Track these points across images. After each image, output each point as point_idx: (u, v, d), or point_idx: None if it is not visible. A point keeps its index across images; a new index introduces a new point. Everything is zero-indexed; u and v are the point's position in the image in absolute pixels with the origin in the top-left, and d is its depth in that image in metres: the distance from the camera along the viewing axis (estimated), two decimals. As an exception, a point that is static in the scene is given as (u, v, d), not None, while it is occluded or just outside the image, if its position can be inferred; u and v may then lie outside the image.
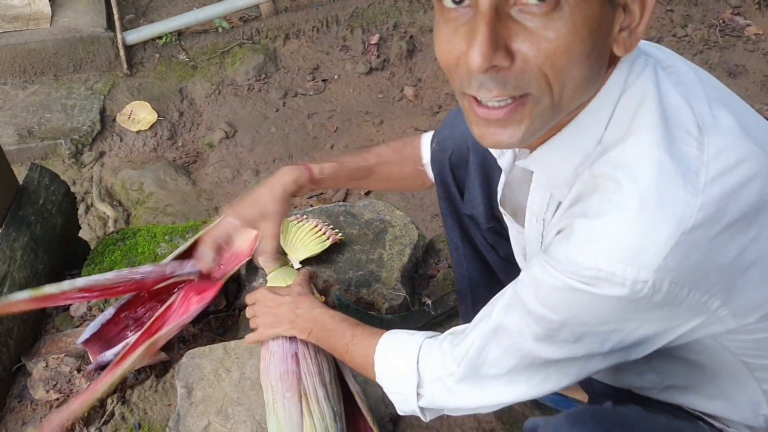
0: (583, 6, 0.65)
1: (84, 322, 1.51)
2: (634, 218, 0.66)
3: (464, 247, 1.20)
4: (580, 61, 0.67)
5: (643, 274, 0.66)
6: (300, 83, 2.94)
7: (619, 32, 0.70)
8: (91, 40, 2.88)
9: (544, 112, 0.70)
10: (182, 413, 1.27)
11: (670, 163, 0.67)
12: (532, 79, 0.68)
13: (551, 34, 0.65)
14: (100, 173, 2.62)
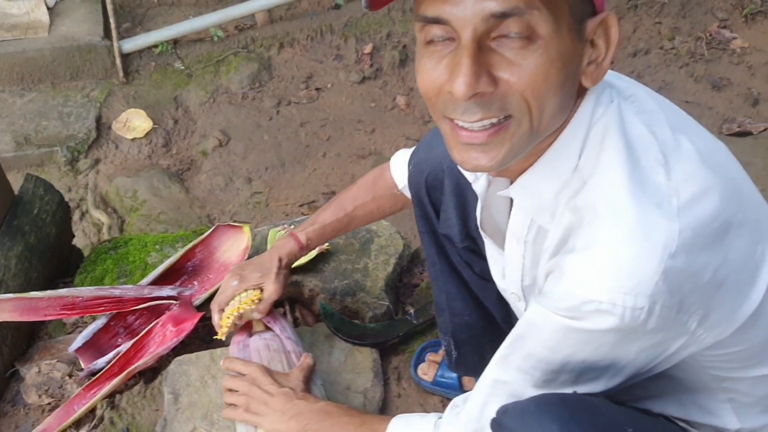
0: (556, 40, 0.71)
1: (76, 329, 1.55)
2: (623, 249, 0.71)
3: (441, 263, 1.24)
4: (556, 89, 0.73)
5: (640, 300, 0.71)
6: (293, 92, 2.99)
7: (588, 65, 0.75)
8: (88, 49, 2.93)
9: (524, 135, 0.75)
10: (169, 418, 1.31)
11: (643, 195, 0.73)
12: (514, 100, 0.73)
13: (530, 63, 0.71)
14: (95, 180, 2.66)
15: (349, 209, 1.31)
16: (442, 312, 1.29)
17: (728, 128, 2.50)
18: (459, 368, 1.35)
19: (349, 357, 1.46)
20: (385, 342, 1.51)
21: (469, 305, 1.25)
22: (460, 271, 1.24)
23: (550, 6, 0.69)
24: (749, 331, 0.80)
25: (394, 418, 1.03)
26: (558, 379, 0.81)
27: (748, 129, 2.47)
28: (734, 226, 0.75)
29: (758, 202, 0.86)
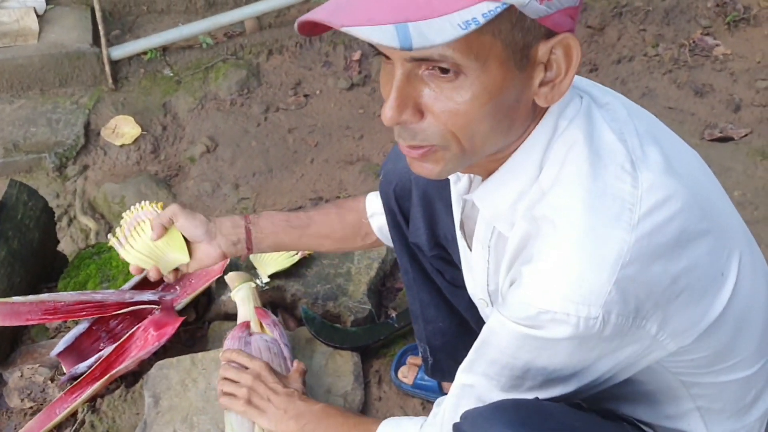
0: (482, 77, 0.70)
1: (59, 334, 1.56)
2: (577, 259, 0.72)
3: (413, 271, 1.25)
4: (483, 120, 0.73)
5: (593, 310, 0.72)
6: (282, 98, 3.01)
7: (541, 86, 0.74)
8: (77, 56, 2.94)
9: (455, 157, 0.77)
10: (149, 422, 1.32)
11: (601, 205, 0.74)
12: (437, 134, 0.74)
13: (455, 97, 0.71)
14: (84, 186, 2.67)
15: (310, 212, 1.26)
16: (417, 319, 1.31)
17: (710, 134, 2.52)
18: (435, 374, 1.37)
19: (330, 361, 1.48)
20: (367, 346, 1.52)
21: (442, 312, 1.27)
22: (432, 280, 1.26)
23: (466, 52, 0.68)
24: (713, 336, 0.81)
25: (385, 420, 1.06)
26: (524, 385, 0.82)
27: (729, 134, 2.49)
28: (696, 235, 0.76)
29: (727, 210, 0.87)
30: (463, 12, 0.65)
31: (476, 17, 0.65)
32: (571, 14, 0.72)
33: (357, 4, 0.66)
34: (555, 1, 0.69)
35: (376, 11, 0.65)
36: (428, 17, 0.64)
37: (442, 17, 0.65)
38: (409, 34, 0.64)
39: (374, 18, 0.65)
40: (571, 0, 0.71)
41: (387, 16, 0.64)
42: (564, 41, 0.72)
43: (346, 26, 0.64)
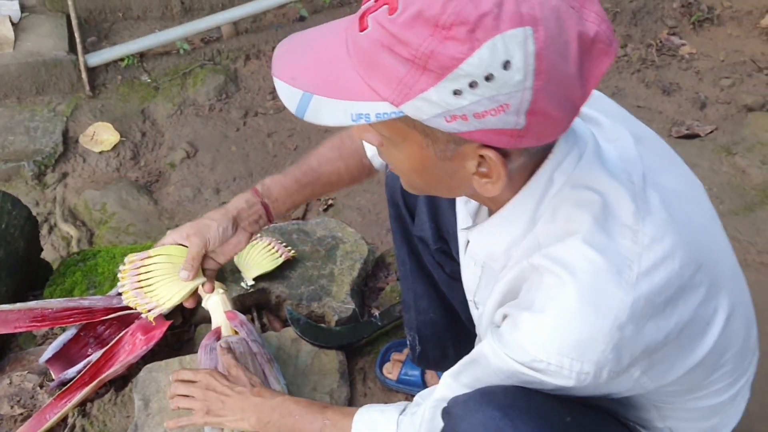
0: (403, 150, 0.77)
1: (46, 341, 1.58)
2: (576, 316, 0.75)
3: (411, 263, 1.30)
4: (414, 179, 0.82)
5: (586, 366, 0.76)
6: (260, 103, 3.03)
7: (474, 175, 0.76)
8: (54, 64, 2.94)
9: (414, 187, 0.86)
10: (139, 424, 1.35)
11: (604, 262, 0.75)
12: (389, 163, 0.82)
13: (384, 151, 0.81)
14: (63, 194, 2.67)
15: (313, 164, 1.21)
16: (409, 309, 1.35)
17: (677, 131, 2.60)
18: (421, 362, 1.41)
19: (316, 359, 1.51)
20: (351, 344, 1.56)
21: (435, 304, 1.31)
22: (429, 271, 1.29)
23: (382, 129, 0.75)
24: (690, 375, 0.86)
25: (356, 414, 1.07)
26: None
27: (695, 132, 2.57)
28: (689, 289, 0.79)
29: (722, 251, 0.90)
30: (360, 104, 0.70)
31: (369, 114, 0.70)
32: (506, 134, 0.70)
33: (298, 55, 0.75)
34: (470, 121, 0.68)
35: (302, 71, 0.73)
36: (332, 96, 0.71)
37: (342, 101, 0.71)
38: (308, 105, 0.71)
39: (297, 78, 0.73)
40: (498, 122, 0.69)
41: (306, 81, 0.72)
42: (487, 156, 0.73)
43: (275, 76, 0.74)
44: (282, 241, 1.71)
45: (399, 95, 0.69)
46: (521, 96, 0.67)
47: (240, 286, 1.62)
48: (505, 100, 0.67)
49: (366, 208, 2.58)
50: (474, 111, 0.68)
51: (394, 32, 0.67)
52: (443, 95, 0.67)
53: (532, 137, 0.71)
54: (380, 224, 2.53)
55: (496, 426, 0.79)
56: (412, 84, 0.68)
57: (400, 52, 0.67)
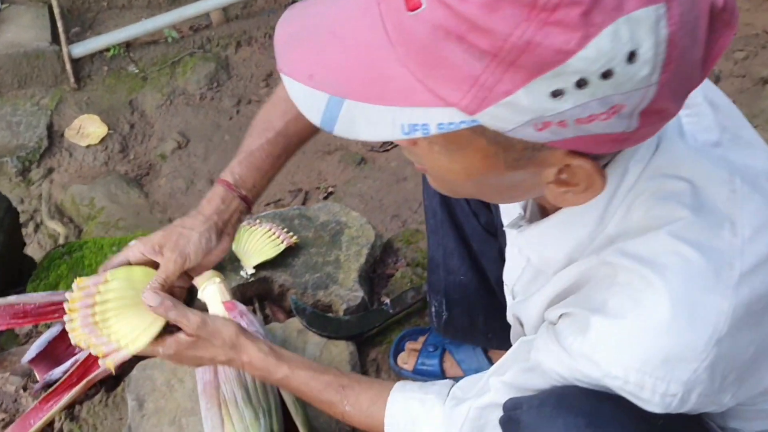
0: (458, 159, 0.60)
1: (30, 340, 1.47)
2: (665, 327, 0.62)
3: (442, 213, 1.17)
4: (463, 188, 0.66)
5: (672, 387, 0.63)
6: (253, 90, 2.92)
7: (549, 183, 0.62)
8: (36, 55, 2.82)
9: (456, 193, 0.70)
10: (134, 426, 1.23)
11: (700, 259, 0.62)
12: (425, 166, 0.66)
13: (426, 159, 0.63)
14: (49, 190, 2.56)
15: (279, 127, 0.99)
16: (437, 268, 1.23)
17: (692, 106, 2.51)
18: (447, 331, 1.29)
19: (325, 351, 1.41)
20: (362, 334, 1.46)
21: (466, 263, 1.19)
22: (461, 224, 1.17)
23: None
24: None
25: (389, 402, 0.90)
26: None
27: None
28: None
29: None
30: (413, 111, 0.53)
31: (428, 125, 0.53)
32: (611, 139, 0.55)
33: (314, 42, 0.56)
34: (569, 128, 0.53)
35: (323, 66, 0.55)
36: (372, 100, 0.53)
37: (387, 107, 0.53)
38: (338, 114, 0.54)
39: (316, 76, 0.55)
40: (606, 128, 0.53)
41: (331, 79, 0.55)
42: (581, 168, 0.59)
43: (283, 72, 0.56)
44: (283, 227, 1.61)
45: (474, 100, 0.52)
46: (643, 94, 0.52)
47: (239, 275, 1.51)
48: (622, 101, 0.52)
49: (368, 195, 2.48)
50: (577, 116, 0.52)
51: (469, 15, 0.49)
52: (537, 98, 0.51)
53: (636, 139, 0.57)
54: (384, 211, 2.43)
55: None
56: (493, 85, 0.51)
57: (477, 42, 0.50)
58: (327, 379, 0.94)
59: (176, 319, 0.91)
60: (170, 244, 0.94)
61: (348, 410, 0.92)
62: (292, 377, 0.94)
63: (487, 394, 0.80)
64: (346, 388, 0.93)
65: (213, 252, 0.98)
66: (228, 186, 1.00)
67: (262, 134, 1.01)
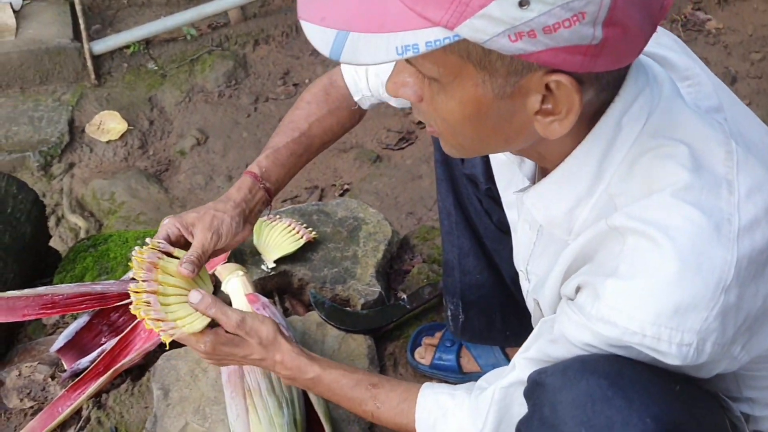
0: (455, 93, 0.67)
1: (57, 330, 1.50)
2: (675, 281, 0.66)
3: (456, 214, 1.20)
4: (465, 131, 0.71)
5: (687, 336, 0.67)
6: (271, 88, 2.95)
7: (537, 114, 0.68)
8: (58, 52, 2.86)
9: (463, 146, 0.74)
10: (159, 415, 1.26)
11: (701, 217, 0.67)
12: (432, 120, 0.73)
13: (434, 102, 0.70)
14: (71, 185, 2.60)
15: (304, 128, 1.10)
16: (452, 271, 1.25)
17: (708, 106, 2.51)
18: (464, 333, 1.32)
19: (343, 344, 1.43)
20: (379, 328, 1.48)
21: (482, 263, 1.22)
22: (475, 225, 1.20)
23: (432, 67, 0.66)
24: None
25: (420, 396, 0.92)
26: None
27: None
28: None
29: None
30: (406, 34, 0.61)
31: (417, 44, 0.61)
32: (580, 52, 0.61)
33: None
34: (539, 38, 0.60)
35: (334, 11, 0.64)
36: (371, 30, 0.62)
37: (383, 35, 0.62)
38: (344, 45, 0.63)
39: (327, 18, 0.64)
40: (572, 37, 0.60)
41: (338, 19, 0.63)
42: (557, 83, 0.64)
43: (301, 18, 0.65)
44: (302, 222, 1.63)
45: (453, 15, 0.60)
46: (600, 1, 0.58)
47: (260, 268, 1.54)
48: (581, 8, 0.58)
49: (384, 192, 2.50)
50: (544, 24, 0.59)
51: None
52: (507, 9, 0.59)
53: (608, 57, 0.62)
54: (399, 208, 2.45)
55: (604, 395, 0.68)
56: (468, 0, 0.59)
57: None
58: (357, 377, 0.97)
59: (216, 316, 0.95)
60: (204, 224, 1.01)
61: (378, 407, 0.95)
62: (324, 375, 0.97)
63: (511, 372, 0.83)
64: (377, 386, 0.96)
65: (238, 236, 1.05)
66: (255, 177, 1.08)
67: (288, 133, 1.10)
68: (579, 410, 0.69)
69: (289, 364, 0.97)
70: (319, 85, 1.14)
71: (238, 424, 1.14)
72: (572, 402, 0.70)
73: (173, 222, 1.02)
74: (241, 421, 1.14)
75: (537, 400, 0.74)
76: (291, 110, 1.14)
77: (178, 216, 1.04)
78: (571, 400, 0.70)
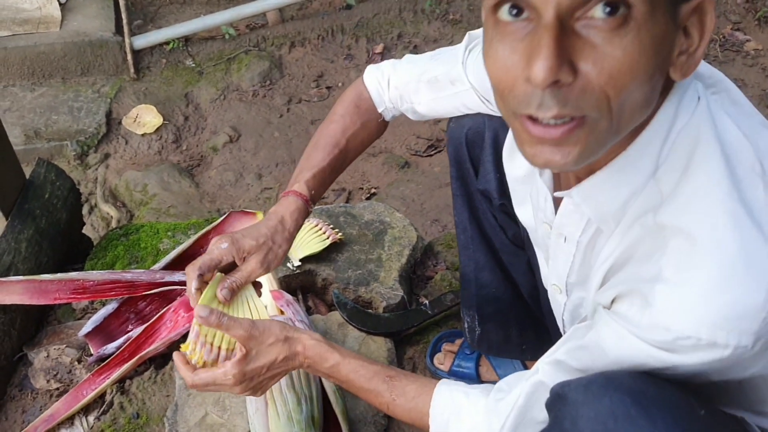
0: (650, 23, 0.62)
1: (85, 315, 1.53)
2: (728, 282, 0.66)
3: (472, 229, 1.21)
4: (643, 82, 0.64)
5: (744, 339, 0.66)
6: (304, 90, 2.98)
7: (678, 56, 0.67)
8: (100, 45, 2.93)
9: (600, 135, 0.67)
10: (180, 403, 1.28)
11: (745, 216, 0.67)
12: (592, 98, 0.64)
13: (617, 51, 0.62)
14: (105, 175, 2.65)
15: (342, 143, 1.12)
16: (468, 284, 1.26)
17: (744, 128, 2.47)
18: (481, 346, 1.32)
19: (363, 346, 1.44)
20: (400, 332, 1.49)
21: (498, 277, 1.22)
22: (491, 240, 1.20)
23: None
24: None
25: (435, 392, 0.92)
26: None
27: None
28: None
29: None
30: None
31: None
32: None
33: None
34: None
35: None
36: None
37: None
38: None
39: None
40: None
41: None
42: (702, 4, 0.65)
43: None
44: (329, 223, 1.65)
45: None
46: None
47: (286, 266, 1.55)
48: None
49: (410, 198, 2.51)
50: None
51: None
52: None
53: None
54: (424, 215, 2.45)
55: (627, 413, 0.68)
56: None
57: None
58: (375, 369, 0.97)
59: (228, 324, 0.95)
60: (259, 257, 1.02)
61: (393, 399, 0.95)
62: (343, 363, 0.96)
63: (534, 376, 0.82)
64: (394, 379, 0.96)
65: None
66: (306, 202, 1.09)
67: (329, 150, 1.11)
68: (600, 426, 0.68)
69: (310, 352, 0.97)
70: (349, 97, 1.16)
71: (257, 417, 1.16)
72: (594, 418, 0.69)
73: (230, 250, 1.02)
74: (260, 414, 1.15)
75: (559, 413, 0.73)
76: (325, 124, 1.15)
77: (235, 240, 1.02)
78: (594, 415, 0.69)
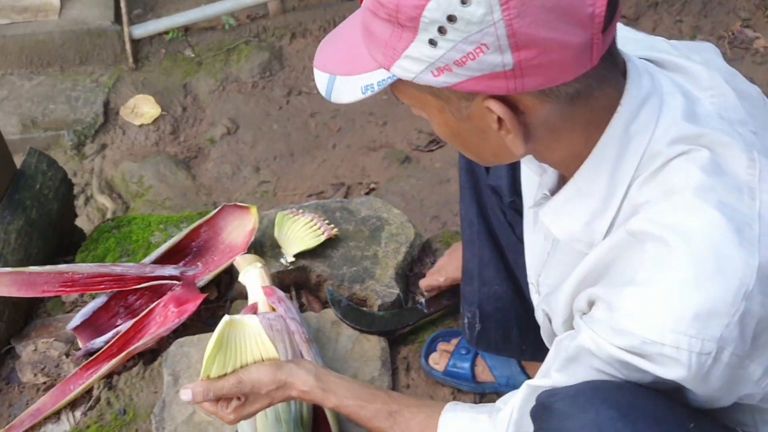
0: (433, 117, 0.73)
1: (75, 308, 1.51)
2: (693, 284, 0.64)
3: (479, 224, 1.20)
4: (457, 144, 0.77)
5: (707, 345, 0.64)
6: (304, 82, 2.95)
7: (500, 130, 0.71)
8: (98, 34, 2.90)
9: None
10: (168, 401, 1.26)
11: (722, 219, 0.65)
12: None
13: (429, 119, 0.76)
14: (101, 165, 2.63)
15: None
16: (471, 280, 1.24)
17: (750, 128, 2.44)
18: (480, 343, 1.30)
19: (357, 345, 1.42)
20: (395, 331, 1.46)
21: (501, 274, 1.21)
22: (497, 236, 1.19)
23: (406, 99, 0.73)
24: None
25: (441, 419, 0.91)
26: None
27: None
28: None
29: None
30: (366, 76, 0.70)
31: (372, 84, 0.70)
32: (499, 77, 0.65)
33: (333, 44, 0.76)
34: (455, 71, 0.65)
35: (329, 57, 0.75)
36: (347, 73, 0.72)
37: (354, 77, 0.71)
38: (333, 87, 0.73)
39: (327, 65, 0.74)
40: (483, 66, 0.64)
41: (330, 65, 0.74)
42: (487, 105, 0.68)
43: (315, 67, 0.75)
44: (325, 218, 1.62)
45: (388, 58, 0.68)
46: (494, 31, 0.62)
47: (279, 262, 1.53)
48: (480, 40, 0.63)
49: (410, 194, 2.48)
50: (453, 59, 0.64)
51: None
52: (422, 49, 0.65)
53: (535, 76, 0.65)
54: (424, 211, 2.43)
55: (614, 428, 0.66)
56: (395, 44, 0.66)
57: (381, 14, 0.66)
58: (375, 408, 0.95)
59: (215, 396, 0.97)
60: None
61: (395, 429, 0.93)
62: (341, 407, 0.97)
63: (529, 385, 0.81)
64: (395, 415, 0.94)
65: None
66: None
67: None
68: None
69: (306, 397, 0.99)
70: None
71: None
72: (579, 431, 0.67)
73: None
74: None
75: (544, 424, 0.72)
76: None
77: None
78: (578, 428, 0.68)
